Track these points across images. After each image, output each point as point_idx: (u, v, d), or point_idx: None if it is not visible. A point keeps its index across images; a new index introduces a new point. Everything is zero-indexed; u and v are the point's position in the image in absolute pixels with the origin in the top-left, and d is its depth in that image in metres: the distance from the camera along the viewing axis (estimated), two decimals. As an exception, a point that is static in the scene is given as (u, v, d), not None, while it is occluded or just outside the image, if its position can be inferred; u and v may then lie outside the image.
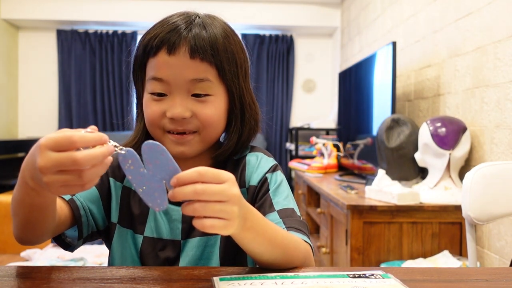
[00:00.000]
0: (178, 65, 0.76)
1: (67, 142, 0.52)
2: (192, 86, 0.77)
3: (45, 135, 0.54)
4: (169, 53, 0.76)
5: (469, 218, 1.18)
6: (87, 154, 0.53)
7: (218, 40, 0.78)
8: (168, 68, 0.76)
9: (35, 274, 0.66)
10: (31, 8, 4.33)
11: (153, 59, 0.78)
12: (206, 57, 0.76)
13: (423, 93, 2.43)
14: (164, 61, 0.76)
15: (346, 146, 3.03)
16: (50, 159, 0.52)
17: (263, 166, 0.86)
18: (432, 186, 1.90)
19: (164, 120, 0.78)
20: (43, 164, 0.52)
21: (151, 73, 0.78)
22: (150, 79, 0.78)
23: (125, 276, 0.65)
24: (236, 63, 0.81)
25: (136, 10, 4.41)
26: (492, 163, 1.21)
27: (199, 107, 0.77)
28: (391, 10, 2.95)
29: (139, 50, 0.80)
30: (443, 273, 0.68)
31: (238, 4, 4.44)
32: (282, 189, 0.84)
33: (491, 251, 1.74)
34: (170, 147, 0.79)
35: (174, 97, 0.77)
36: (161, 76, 0.76)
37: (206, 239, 0.81)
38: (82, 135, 0.53)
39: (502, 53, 1.70)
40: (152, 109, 0.78)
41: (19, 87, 4.69)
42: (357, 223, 1.81)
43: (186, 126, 0.78)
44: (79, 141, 0.52)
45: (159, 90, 0.77)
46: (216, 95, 0.79)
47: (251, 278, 0.62)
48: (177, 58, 0.76)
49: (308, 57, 4.88)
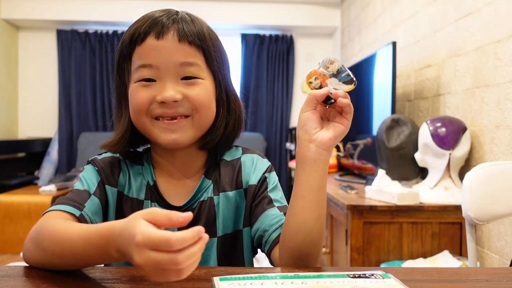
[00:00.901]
0: (166, 49, 0.75)
1: (165, 245, 0.50)
2: (182, 69, 0.76)
3: (140, 229, 0.51)
4: (157, 37, 0.76)
5: (469, 218, 1.18)
6: (187, 255, 0.51)
7: (204, 30, 0.80)
8: (157, 52, 0.76)
9: (35, 274, 0.66)
10: (31, 8, 4.33)
11: (140, 46, 0.77)
12: (194, 41, 0.77)
13: (423, 93, 2.43)
14: (153, 45, 0.76)
15: (346, 146, 3.03)
16: (150, 259, 0.51)
17: (260, 166, 0.87)
18: (432, 186, 1.90)
19: (153, 105, 0.76)
20: (143, 262, 0.51)
21: (139, 61, 0.77)
22: (138, 67, 0.77)
23: (125, 276, 0.65)
24: (221, 54, 0.83)
25: (136, 10, 4.38)
26: (492, 163, 1.21)
27: (189, 89, 0.77)
28: (391, 10, 2.95)
29: (125, 41, 0.79)
30: (443, 273, 0.68)
31: (238, 4, 4.44)
32: (278, 188, 0.87)
33: (491, 251, 1.74)
34: (161, 135, 0.77)
35: (163, 81, 0.76)
36: (150, 61, 0.76)
37: None
38: (181, 238, 0.50)
39: (502, 53, 1.70)
40: (140, 95, 0.77)
41: (19, 87, 4.69)
42: (357, 223, 1.81)
43: (177, 109, 0.77)
44: (177, 246, 0.50)
45: (148, 75, 0.76)
46: (205, 79, 0.79)
47: (251, 278, 0.62)
48: (166, 42, 0.76)
49: (308, 57, 4.87)
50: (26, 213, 3.28)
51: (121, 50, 0.81)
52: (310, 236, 0.71)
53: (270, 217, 0.80)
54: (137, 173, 0.85)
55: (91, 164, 0.84)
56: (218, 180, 0.86)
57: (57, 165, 4.57)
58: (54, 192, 3.52)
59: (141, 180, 0.84)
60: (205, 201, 0.83)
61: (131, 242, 0.52)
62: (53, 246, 0.64)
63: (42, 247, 0.66)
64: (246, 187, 0.85)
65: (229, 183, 0.86)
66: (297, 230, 0.71)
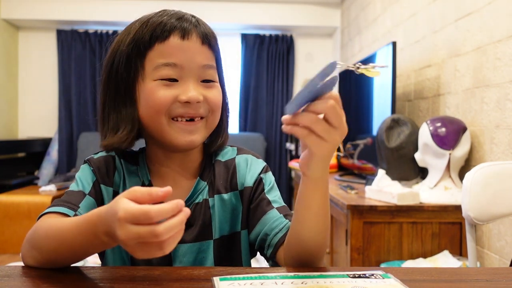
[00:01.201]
0: (191, 50, 0.77)
1: (145, 217, 0.53)
2: (203, 72, 0.78)
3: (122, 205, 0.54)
4: (182, 37, 0.76)
5: (469, 218, 1.18)
6: (167, 227, 0.53)
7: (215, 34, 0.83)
8: (181, 52, 0.76)
9: (35, 274, 0.66)
10: (31, 8, 4.33)
11: (162, 44, 0.76)
12: (213, 46, 0.80)
13: (423, 93, 2.43)
14: (177, 45, 0.76)
15: (346, 146, 3.03)
16: (131, 232, 0.53)
17: (256, 167, 0.87)
18: (432, 186, 1.90)
19: (174, 105, 0.76)
20: (125, 237, 0.54)
21: (161, 59, 0.76)
22: (161, 65, 0.76)
23: (125, 276, 0.65)
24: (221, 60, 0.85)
25: (136, 10, 4.39)
26: (492, 163, 1.21)
27: (208, 92, 0.79)
28: (391, 10, 2.95)
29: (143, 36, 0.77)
30: (443, 273, 0.68)
31: (238, 4, 4.44)
32: (275, 189, 0.87)
33: (491, 251, 1.74)
34: (179, 137, 0.77)
35: (186, 82, 0.77)
36: (175, 61, 0.76)
37: (199, 245, 0.81)
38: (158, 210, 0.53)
39: (502, 53, 1.70)
40: (162, 93, 0.76)
41: (19, 87, 4.69)
42: (357, 223, 1.81)
43: (198, 110, 0.78)
44: (156, 217, 0.53)
45: (171, 75, 0.76)
46: (217, 82, 0.82)
47: (251, 278, 0.62)
48: (190, 43, 0.77)
49: (308, 57, 4.87)
50: (26, 213, 3.28)
51: (134, 46, 0.78)
52: (316, 242, 0.72)
53: (271, 220, 0.80)
54: (132, 173, 0.84)
55: (87, 163, 0.84)
56: (213, 181, 0.85)
57: (57, 165, 4.57)
58: (54, 192, 3.52)
59: (136, 180, 0.84)
60: (200, 203, 0.83)
61: (114, 219, 0.54)
62: (47, 243, 0.66)
63: (38, 246, 0.67)
64: (242, 189, 0.85)
65: (223, 185, 0.85)
66: (303, 237, 0.71)
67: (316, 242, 0.72)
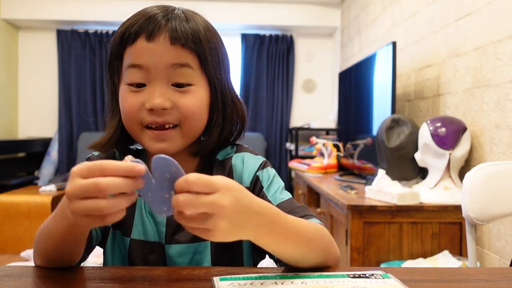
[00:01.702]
0: (158, 51, 0.72)
1: (98, 168, 0.52)
2: (173, 73, 0.73)
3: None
4: (148, 39, 0.72)
5: (469, 218, 1.18)
6: (110, 180, 0.51)
7: (200, 30, 0.75)
8: (147, 53, 0.72)
9: (35, 274, 0.66)
10: (31, 8, 4.33)
11: (131, 47, 0.74)
12: (187, 44, 0.73)
13: (423, 93, 2.43)
14: (143, 47, 0.72)
15: (346, 146, 3.03)
16: (77, 184, 0.52)
17: (252, 165, 0.82)
18: (432, 186, 1.90)
19: (143, 113, 0.73)
20: (70, 189, 0.52)
21: (129, 60, 0.74)
22: (128, 67, 0.74)
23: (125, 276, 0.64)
24: (218, 55, 0.78)
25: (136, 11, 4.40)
26: (492, 163, 1.21)
27: (180, 97, 0.73)
28: (391, 10, 2.95)
29: (116, 39, 0.76)
30: (443, 273, 0.68)
31: (238, 4, 4.44)
32: (275, 183, 0.80)
33: (491, 251, 1.74)
34: (150, 144, 0.75)
35: (153, 86, 0.72)
36: (140, 62, 0.72)
37: (196, 246, 0.78)
38: (112, 163, 0.52)
39: (502, 53, 1.70)
40: (129, 102, 0.73)
41: (19, 87, 4.69)
42: (357, 223, 1.81)
43: (166, 117, 0.73)
44: (109, 169, 0.52)
45: (137, 79, 0.73)
46: (198, 85, 0.75)
47: (251, 278, 0.62)
48: (157, 44, 0.72)
49: (308, 57, 4.87)
50: (26, 213, 3.28)
51: (112, 48, 0.77)
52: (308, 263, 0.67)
53: None
54: None
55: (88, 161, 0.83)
56: None
57: (57, 165, 4.57)
58: (54, 192, 3.52)
59: None
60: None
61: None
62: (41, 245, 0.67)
63: (38, 249, 0.69)
64: None
65: None
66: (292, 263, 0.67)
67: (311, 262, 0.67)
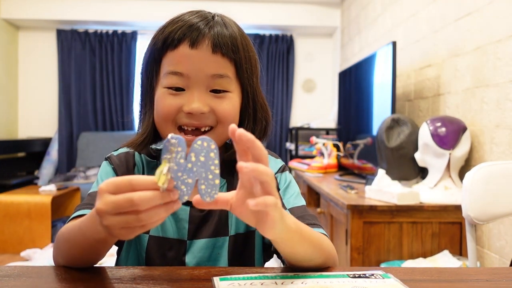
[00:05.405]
0: (199, 59, 0.75)
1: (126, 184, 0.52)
2: (212, 81, 0.76)
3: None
4: (191, 46, 0.75)
5: (469, 218, 1.18)
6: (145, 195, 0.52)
7: (238, 38, 0.78)
8: (189, 61, 0.75)
9: (35, 274, 0.66)
10: (31, 8, 4.33)
11: (172, 52, 0.76)
12: (227, 53, 0.76)
13: (423, 93, 2.43)
14: (186, 54, 0.75)
15: (346, 146, 3.03)
16: (108, 201, 0.53)
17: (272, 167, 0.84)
18: (432, 186, 1.90)
19: (180, 114, 0.76)
20: (101, 207, 0.53)
21: (170, 67, 0.76)
22: (168, 73, 0.76)
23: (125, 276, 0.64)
24: (251, 63, 0.81)
25: (136, 10, 4.41)
26: (492, 163, 1.21)
27: (217, 102, 0.76)
28: (391, 10, 2.95)
29: (157, 43, 0.78)
30: (443, 273, 0.68)
31: (238, 4, 4.44)
32: (291, 188, 0.84)
33: (491, 251, 1.74)
34: None
35: (192, 91, 0.75)
36: (182, 70, 0.75)
37: (215, 241, 0.81)
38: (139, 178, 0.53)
39: (502, 53, 1.70)
40: (168, 102, 0.76)
41: (19, 87, 4.69)
42: (357, 223, 1.81)
43: (203, 121, 0.76)
44: (138, 184, 0.52)
45: (177, 84, 0.76)
46: (233, 92, 0.78)
47: (251, 278, 0.62)
48: (199, 52, 0.75)
49: (308, 57, 4.87)
50: (26, 213, 3.28)
51: (152, 51, 0.79)
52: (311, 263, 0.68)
53: None
54: (152, 169, 0.85)
55: (107, 161, 0.84)
56: (232, 179, 0.85)
57: (57, 165, 4.57)
58: (54, 192, 3.52)
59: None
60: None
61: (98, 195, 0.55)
62: (65, 248, 0.67)
63: (61, 251, 0.69)
64: None
65: None
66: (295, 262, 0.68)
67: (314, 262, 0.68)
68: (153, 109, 0.80)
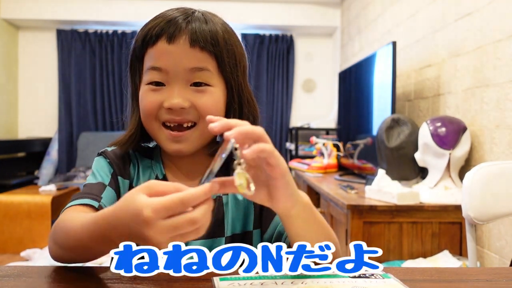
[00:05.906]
0: (177, 53, 0.75)
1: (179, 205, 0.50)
2: (192, 75, 0.75)
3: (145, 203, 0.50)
4: (168, 41, 0.75)
5: (469, 218, 1.18)
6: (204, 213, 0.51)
7: (218, 32, 0.77)
8: (167, 56, 0.75)
9: (35, 274, 0.66)
10: (31, 8, 4.33)
11: (152, 49, 0.76)
12: (206, 46, 0.75)
13: (423, 93, 2.43)
14: (164, 49, 0.75)
15: (346, 146, 3.03)
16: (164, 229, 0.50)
17: None
18: (432, 186, 1.90)
19: (161, 111, 0.76)
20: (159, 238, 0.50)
21: (150, 63, 0.77)
22: (149, 69, 0.77)
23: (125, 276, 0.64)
24: (235, 57, 0.80)
25: (136, 10, 4.41)
26: (492, 163, 1.21)
27: (197, 97, 0.76)
28: (391, 10, 2.95)
29: (138, 41, 0.79)
30: (443, 273, 0.68)
31: (238, 4, 4.44)
32: None
33: (491, 251, 1.74)
34: (166, 144, 0.77)
35: (172, 87, 0.75)
36: (160, 65, 0.75)
37: (211, 242, 0.80)
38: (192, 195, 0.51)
39: (502, 53, 1.70)
40: (148, 100, 0.76)
41: (19, 87, 4.69)
42: (357, 223, 1.81)
43: (184, 116, 0.76)
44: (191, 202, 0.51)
45: (157, 79, 0.76)
46: (215, 86, 0.77)
47: (251, 278, 0.61)
48: (177, 46, 0.75)
49: (308, 57, 4.87)
50: (26, 213, 3.28)
51: (133, 50, 0.80)
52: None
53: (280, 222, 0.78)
54: (147, 167, 0.84)
55: (102, 156, 0.83)
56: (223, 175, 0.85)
57: (57, 165, 4.57)
58: (54, 192, 3.52)
59: (150, 174, 0.84)
60: (214, 199, 0.82)
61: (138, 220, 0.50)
62: (64, 241, 0.66)
63: (58, 242, 0.67)
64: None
65: None
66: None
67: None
68: (139, 108, 0.80)
